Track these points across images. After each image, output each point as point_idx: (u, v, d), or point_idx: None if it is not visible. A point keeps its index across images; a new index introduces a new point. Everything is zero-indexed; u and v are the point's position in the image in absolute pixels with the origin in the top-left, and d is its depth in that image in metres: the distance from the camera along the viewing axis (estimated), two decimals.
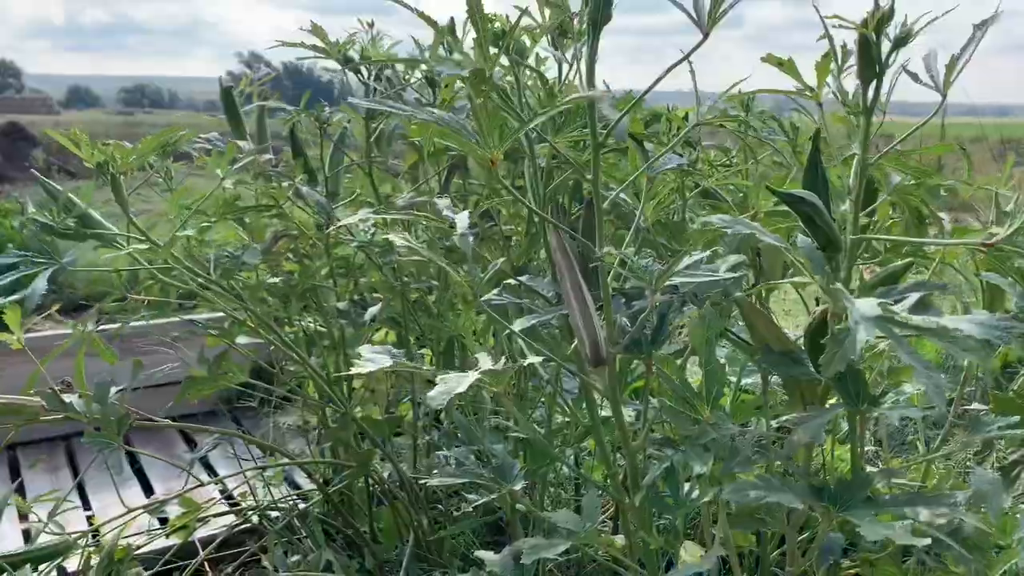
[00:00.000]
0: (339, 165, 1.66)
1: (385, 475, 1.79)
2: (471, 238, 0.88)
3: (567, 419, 1.37)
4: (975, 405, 1.22)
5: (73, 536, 1.35)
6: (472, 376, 0.78)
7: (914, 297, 0.71)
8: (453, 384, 0.76)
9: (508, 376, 0.84)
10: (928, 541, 0.69)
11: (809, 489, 0.79)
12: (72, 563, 1.49)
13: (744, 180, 1.24)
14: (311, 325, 1.87)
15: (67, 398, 1.33)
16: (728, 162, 1.33)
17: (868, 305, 0.66)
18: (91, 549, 1.36)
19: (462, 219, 0.88)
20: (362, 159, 1.64)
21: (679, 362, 1.00)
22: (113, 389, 1.30)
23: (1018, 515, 0.99)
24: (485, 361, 0.88)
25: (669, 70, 0.79)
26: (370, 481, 1.78)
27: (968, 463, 1.67)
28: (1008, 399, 1.23)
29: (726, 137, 1.62)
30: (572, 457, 1.51)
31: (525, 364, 0.92)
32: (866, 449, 1.71)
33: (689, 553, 0.90)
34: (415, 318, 1.84)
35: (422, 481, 1.08)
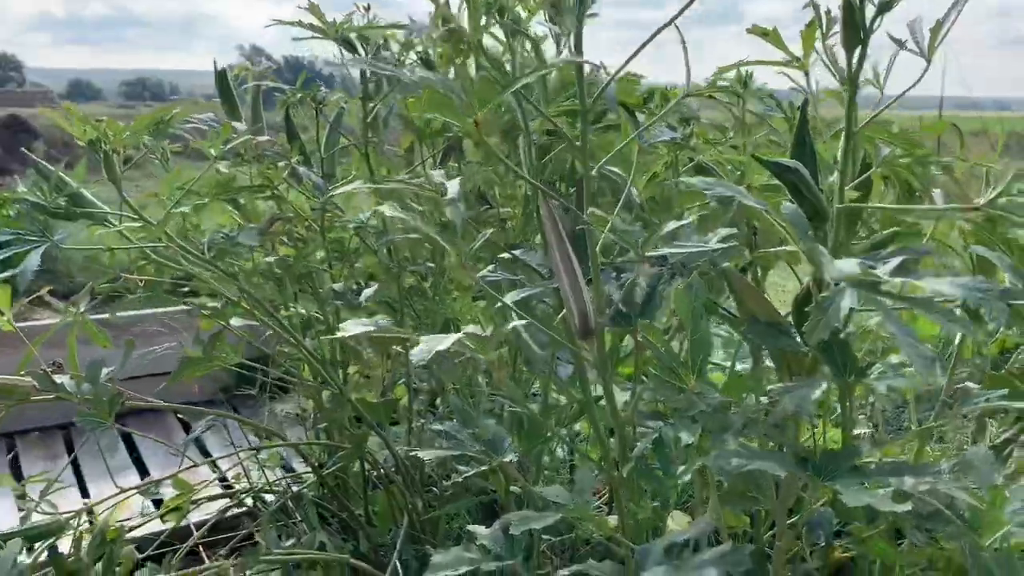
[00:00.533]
0: (335, 146, 1.66)
1: (381, 459, 1.79)
2: (462, 207, 0.88)
3: (561, 398, 1.37)
4: (968, 384, 1.21)
5: (65, 516, 1.35)
6: (454, 336, 0.78)
7: (896, 260, 0.70)
8: (436, 343, 0.76)
9: (495, 342, 0.84)
10: (908, 506, 0.69)
11: (794, 458, 0.79)
12: (67, 545, 1.49)
13: (739, 156, 1.23)
14: (305, 311, 1.87)
15: (58, 379, 1.34)
16: (724, 139, 1.32)
17: (848, 264, 0.66)
18: (83, 530, 1.36)
19: (453, 186, 0.88)
20: (358, 141, 1.64)
21: (667, 335, 1.00)
22: (104, 369, 1.30)
23: (1008, 492, 0.99)
24: (473, 330, 0.87)
25: (660, 30, 0.79)
26: (365, 465, 1.79)
27: (964, 447, 1.67)
28: (1001, 377, 1.23)
29: (726, 120, 1.62)
30: (567, 438, 1.51)
31: (510, 328, 0.91)
32: (862, 432, 1.70)
33: (677, 522, 0.90)
34: (411, 302, 1.84)
35: (412, 453, 1.08)
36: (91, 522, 1.70)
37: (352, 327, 0.85)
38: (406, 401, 1.90)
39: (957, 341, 1.35)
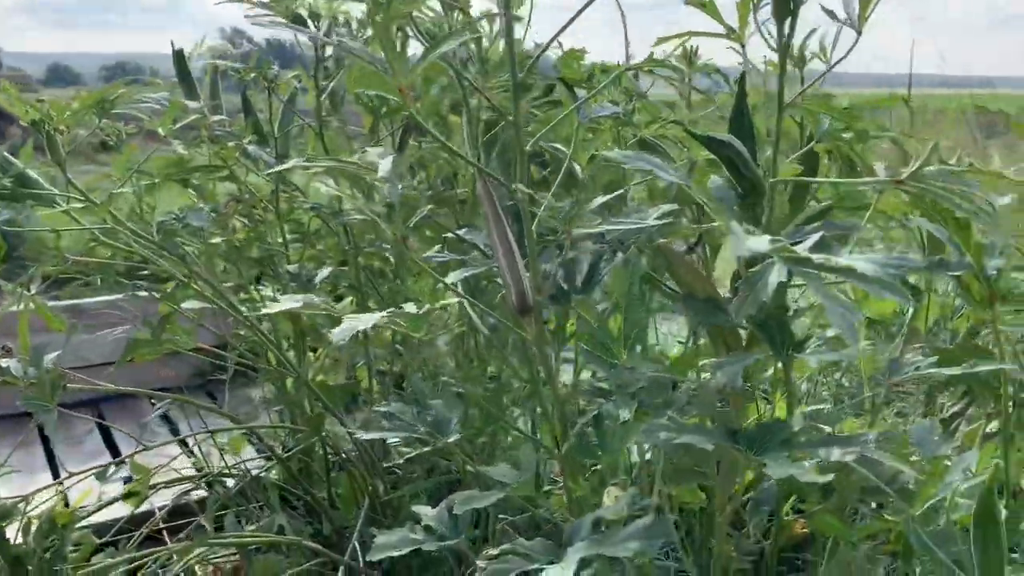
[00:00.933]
0: (288, 126, 1.64)
1: (345, 443, 1.78)
2: (398, 185, 0.86)
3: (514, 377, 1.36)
4: (917, 356, 1.21)
5: (11, 501, 1.33)
6: (378, 315, 0.77)
7: (813, 237, 0.70)
8: (357, 323, 0.75)
9: (426, 320, 0.83)
10: (830, 478, 0.69)
11: (724, 432, 0.78)
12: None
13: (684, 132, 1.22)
14: (269, 293, 1.86)
15: (6, 363, 1.32)
16: (673, 116, 1.31)
17: (759, 241, 0.65)
18: (32, 515, 1.35)
19: (385, 164, 0.86)
20: (313, 121, 1.62)
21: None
22: (48, 356, 1.28)
23: (948, 462, 0.99)
24: (410, 309, 0.86)
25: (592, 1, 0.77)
26: (327, 448, 1.78)
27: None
28: (949, 351, 1.23)
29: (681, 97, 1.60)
30: (523, 417, 1.51)
31: (442, 307, 0.90)
32: (823, 408, 1.71)
33: (611, 498, 0.89)
34: (374, 284, 1.83)
35: (355, 436, 1.07)
36: (66, 505, 1.69)
37: (282, 304, 0.84)
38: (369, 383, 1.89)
39: (909, 316, 1.36)
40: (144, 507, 1.84)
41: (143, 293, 1.65)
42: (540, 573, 0.78)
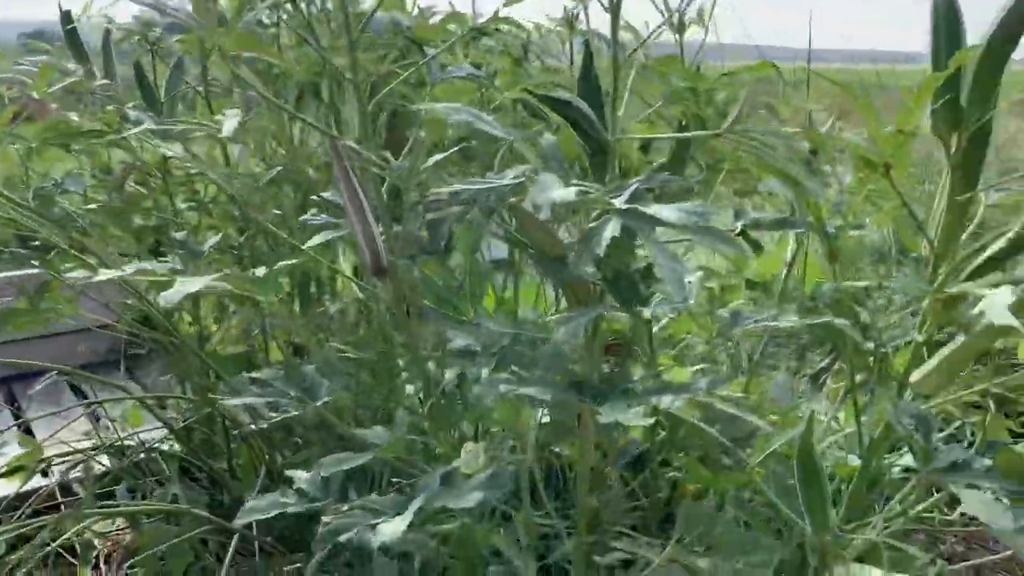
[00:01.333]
0: (174, 90, 1.60)
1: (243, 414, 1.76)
2: (242, 147, 0.85)
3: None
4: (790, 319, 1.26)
5: None
6: (208, 278, 0.77)
7: (630, 189, 0.71)
8: (188, 285, 0.75)
9: (272, 283, 0.83)
10: (652, 420, 0.71)
11: (568, 385, 0.80)
12: None
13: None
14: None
15: None
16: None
17: (563, 192, 0.67)
18: None
19: (229, 124, 0.85)
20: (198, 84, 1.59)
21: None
22: None
23: (801, 414, 1.04)
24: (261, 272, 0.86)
25: None
26: (225, 420, 1.77)
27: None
28: (814, 309, 1.28)
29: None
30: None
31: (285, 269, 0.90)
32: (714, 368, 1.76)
33: (466, 452, 0.91)
34: (278, 253, 1.80)
35: (223, 401, 1.07)
36: None
37: (112, 272, 0.83)
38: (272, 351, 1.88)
39: (783, 276, 1.41)
40: (44, 482, 1.81)
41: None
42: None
